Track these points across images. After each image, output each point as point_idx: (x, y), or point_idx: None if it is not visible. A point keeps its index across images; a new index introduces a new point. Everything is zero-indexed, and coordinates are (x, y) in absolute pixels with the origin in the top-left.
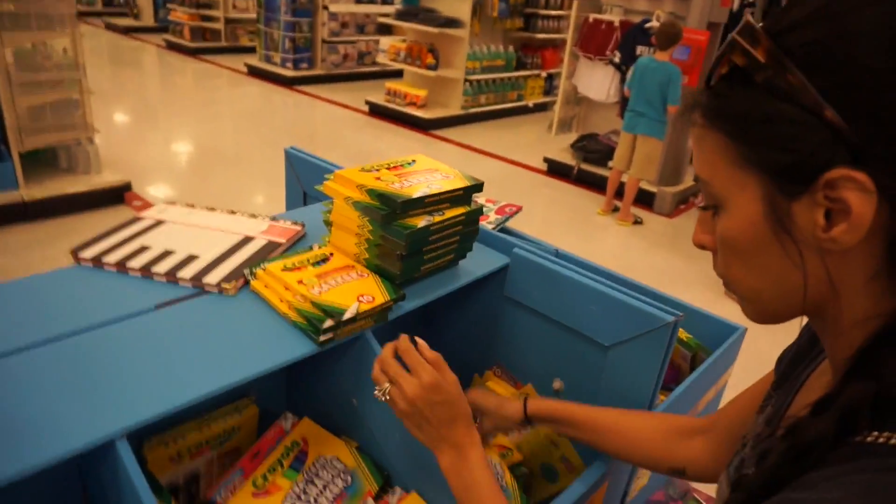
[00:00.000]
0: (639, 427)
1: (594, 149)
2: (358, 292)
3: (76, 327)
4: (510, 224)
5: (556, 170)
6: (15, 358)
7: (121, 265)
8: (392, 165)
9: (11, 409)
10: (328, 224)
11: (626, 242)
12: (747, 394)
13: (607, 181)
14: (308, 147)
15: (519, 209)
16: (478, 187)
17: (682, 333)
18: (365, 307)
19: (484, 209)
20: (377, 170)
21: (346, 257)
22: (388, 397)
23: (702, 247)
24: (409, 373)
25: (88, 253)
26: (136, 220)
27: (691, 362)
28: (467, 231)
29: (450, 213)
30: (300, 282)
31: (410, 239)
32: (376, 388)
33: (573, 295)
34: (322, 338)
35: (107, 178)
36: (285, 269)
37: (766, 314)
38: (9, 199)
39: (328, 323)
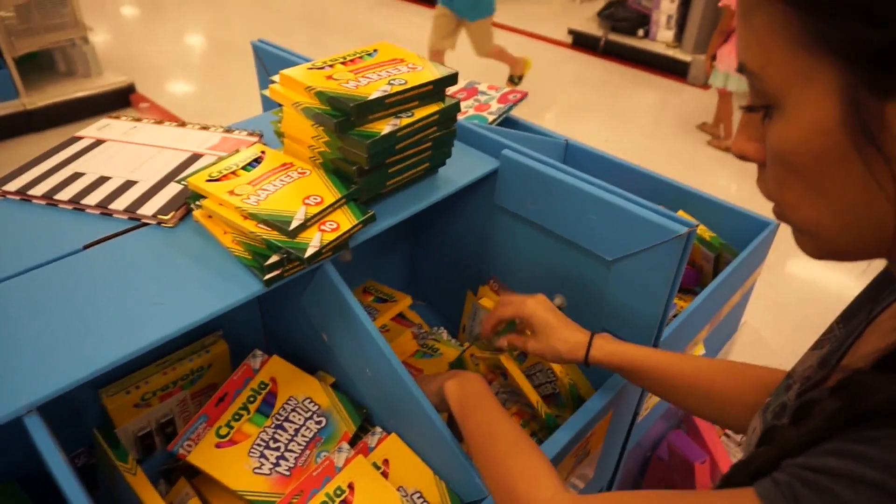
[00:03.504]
0: (722, 384)
1: (623, 16)
2: (303, 194)
3: None
4: (518, 113)
5: (581, 42)
6: None
7: (49, 197)
8: (348, 59)
9: None
10: (280, 136)
11: (658, 117)
12: None
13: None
14: (318, 32)
15: (524, 96)
16: (451, 79)
17: (706, 232)
18: (313, 210)
19: (484, 97)
20: (330, 66)
21: (280, 155)
22: None
23: (743, 157)
24: None
25: (13, 185)
26: (73, 140)
27: (715, 264)
28: (442, 133)
29: (420, 113)
30: (232, 192)
31: (373, 150)
32: None
33: (570, 203)
34: (267, 276)
35: (109, 79)
36: (210, 179)
37: (828, 251)
38: (11, 108)
39: (273, 259)
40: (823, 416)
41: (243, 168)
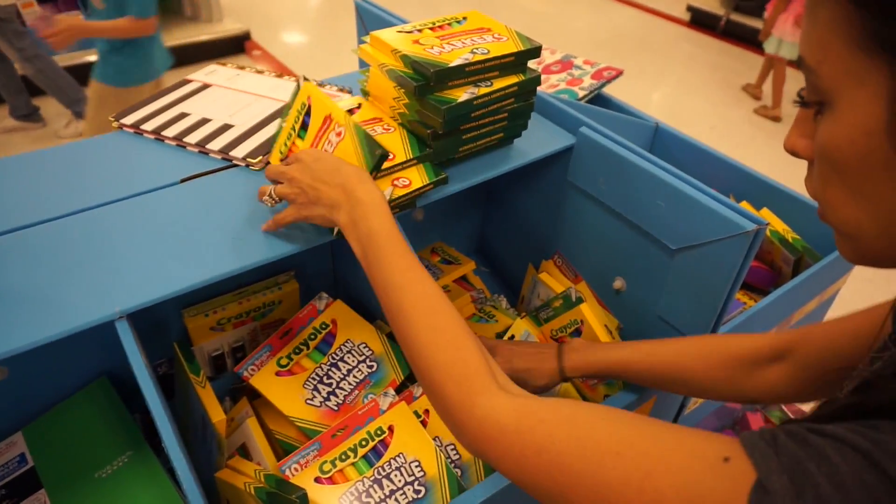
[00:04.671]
0: (695, 367)
1: None
2: None
3: (98, 201)
4: (623, 90)
5: (700, 20)
6: (33, 230)
7: (157, 133)
8: (437, 24)
9: (19, 282)
10: (365, 94)
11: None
12: (844, 324)
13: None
14: None
15: (619, 73)
16: (533, 52)
17: (789, 233)
18: (385, 165)
19: (578, 72)
20: (419, 30)
21: (375, 108)
22: (275, 197)
23: (794, 153)
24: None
25: (130, 119)
26: (184, 82)
27: (794, 267)
28: (520, 105)
29: (499, 84)
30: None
31: (448, 115)
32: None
33: (640, 187)
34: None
35: (227, 26)
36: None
37: (866, 255)
38: None
39: None
40: (834, 407)
41: None
